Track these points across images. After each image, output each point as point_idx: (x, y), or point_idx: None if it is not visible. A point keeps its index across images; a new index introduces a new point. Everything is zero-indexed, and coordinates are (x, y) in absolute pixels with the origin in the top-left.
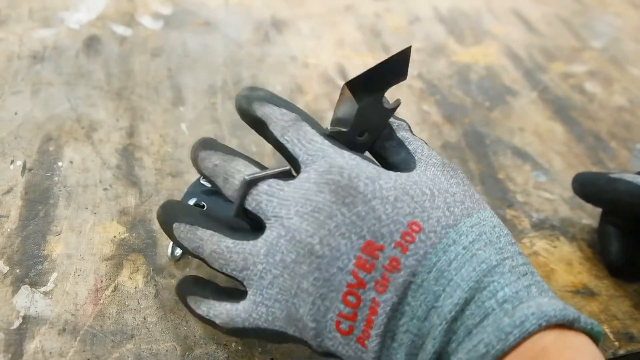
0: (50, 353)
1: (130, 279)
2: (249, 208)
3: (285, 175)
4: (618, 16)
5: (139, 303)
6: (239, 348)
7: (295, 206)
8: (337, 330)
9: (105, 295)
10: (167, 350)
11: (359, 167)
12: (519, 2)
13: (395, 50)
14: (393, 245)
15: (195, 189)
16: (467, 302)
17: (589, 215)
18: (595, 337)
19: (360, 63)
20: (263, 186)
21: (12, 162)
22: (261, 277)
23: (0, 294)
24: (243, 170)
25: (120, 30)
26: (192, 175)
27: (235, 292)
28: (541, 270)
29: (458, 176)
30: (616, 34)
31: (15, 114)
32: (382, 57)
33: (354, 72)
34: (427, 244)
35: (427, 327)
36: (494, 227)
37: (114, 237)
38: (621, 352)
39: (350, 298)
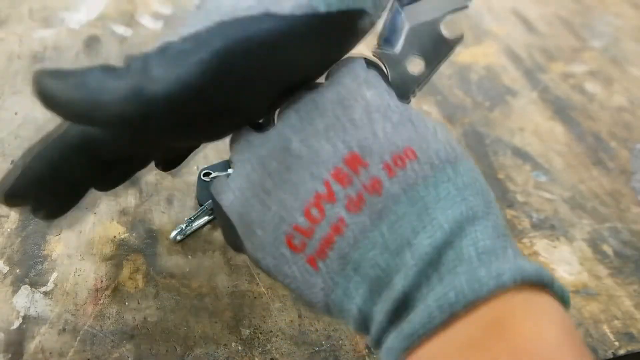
0: (50, 353)
1: (130, 279)
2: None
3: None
4: (618, 16)
5: (139, 303)
6: (239, 348)
7: (298, 105)
8: (288, 244)
9: (105, 295)
10: (167, 350)
11: (375, 81)
12: (519, 2)
13: None
14: (381, 165)
15: (204, 188)
16: (445, 245)
17: (589, 215)
18: (565, 304)
19: None
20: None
21: (12, 162)
22: (241, 166)
23: (0, 294)
24: None
25: (120, 30)
26: (192, 175)
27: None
28: None
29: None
30: (616, 34)
31: (15, 114)
32: None
33: None
34: (418, 175)
35: (397, 264)
36: (483, 180)
37: (114, 237)
38: (621, 352)
39: (314, 211)
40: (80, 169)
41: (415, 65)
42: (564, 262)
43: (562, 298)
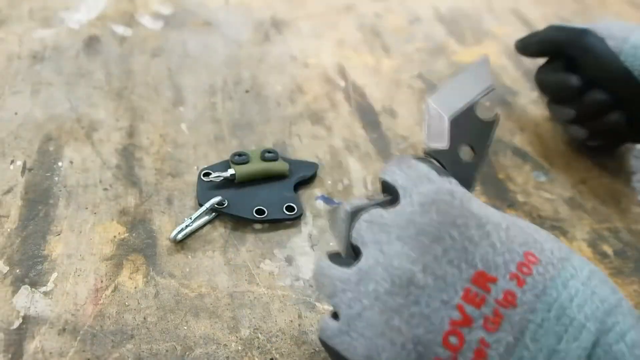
0: (50, 353)
1: (130, 279)
2: (352, 240)
3: (388, 204)
4: (618, 16)
5: (139, 303)
6: (239, 348)
7: (397, 230)
8: None
9: (105, 295)
10: (167, 350)
11: (467, 195)
12: (519, 2)
13: (395, 49)
14: (508, 277)
15: (204, 188)
16: (593, 345)
17: (589, 215)
18: None
19: (360, 63)
20: (364, 215)
21: (12, 162)
22: (349, 307)
23: (0, 294)
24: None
25: (120, 30)
26: (192, 176)
27: None
28: None
29: None
30: None
31: (15, 114)
32: (382, 56)
33: (354, 72)
34: (545, 277)
35: None
36: (596, 267)
37: (114, 237)
38: None
39: (452, 339)
40: None
41: (465, 154)
42: None
43: None
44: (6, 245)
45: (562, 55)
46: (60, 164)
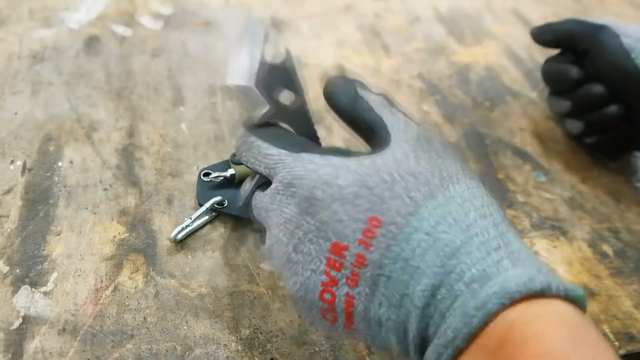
0: (50, 353)
1: (130, 279)
2: (256, 219)
3: (265, 184)
4: (618, 16)
5: (139, 303)
6: (239, 348)
7: (274, 217)
8: (325, 320)
9: (105, 295)
10: (167, 350)
11: (317, 172)
12: (519, 2)
13: (395, 49)
14: (357, 243)
15: (204, 188)
16: (435, 287)
17: (589, 215)
18: (575, 301)
19: (360, 63)
20: (254, 200)
21: (12, 162)
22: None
23: (0, 294)
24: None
25: (120, 30)
26: (192, 175)
27: None
28: None
29: (432, 149)
30: None
31: (15, 114)
32: (382, 56)
33: (354, 72)
34: (388, 237)
35: (404, 313)
36: (462, 203)
37: (114, 237)
38: (621, 352)
39: (326, 295)
40: None
41: (286, 98)
42: (564, 262)
43: (568, 297)
44: (6, 245)
45: (574, 48)
46: (60, 164)
